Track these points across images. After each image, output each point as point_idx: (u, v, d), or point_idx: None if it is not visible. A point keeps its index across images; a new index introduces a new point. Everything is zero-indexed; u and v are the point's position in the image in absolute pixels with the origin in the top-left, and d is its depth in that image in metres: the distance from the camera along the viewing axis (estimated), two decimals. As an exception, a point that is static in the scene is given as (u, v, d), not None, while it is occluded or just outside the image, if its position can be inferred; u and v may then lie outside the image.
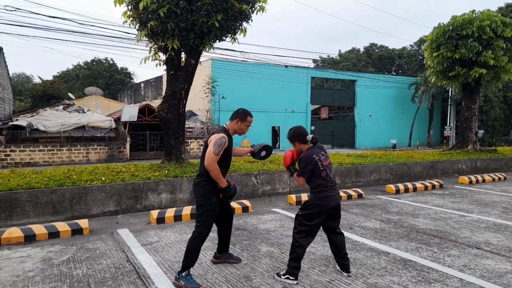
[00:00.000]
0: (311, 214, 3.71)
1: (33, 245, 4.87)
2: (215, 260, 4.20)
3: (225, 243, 4.15)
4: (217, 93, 23.65)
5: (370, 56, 46.41)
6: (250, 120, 3.73)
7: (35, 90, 34.99)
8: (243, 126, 3.73)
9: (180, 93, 8.31)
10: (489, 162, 13.16)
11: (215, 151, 3.51)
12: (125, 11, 7.79)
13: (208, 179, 3.62)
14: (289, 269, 3.72)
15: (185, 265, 3.63)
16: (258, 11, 8.09)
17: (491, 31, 13.10)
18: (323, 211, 3.70)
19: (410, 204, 7.60)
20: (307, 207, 3.76)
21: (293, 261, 3.70)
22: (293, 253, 3.71)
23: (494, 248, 4.85)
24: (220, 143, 3.53)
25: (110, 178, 6.81)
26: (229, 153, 3.75)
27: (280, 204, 7.51)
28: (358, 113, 30.83)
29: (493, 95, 29.75)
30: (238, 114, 3.74)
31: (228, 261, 4.20)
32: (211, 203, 3.63)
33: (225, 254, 4.21)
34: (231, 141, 3.76)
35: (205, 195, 3.62)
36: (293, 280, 3.69)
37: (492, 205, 7.56)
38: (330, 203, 3.70)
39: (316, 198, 3.71)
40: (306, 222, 3.71)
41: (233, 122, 3.74)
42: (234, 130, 3.76)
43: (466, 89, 15.08)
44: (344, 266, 3.91)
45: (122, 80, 46.54)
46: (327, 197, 3.69)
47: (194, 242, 3.63)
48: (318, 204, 3.69)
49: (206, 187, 3.63)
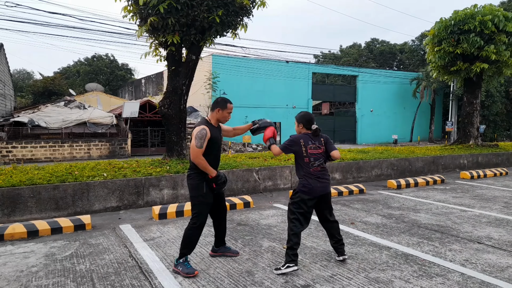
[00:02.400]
0: (299, 201, 3.89)
1: (36, 241, 4.90)
2: (213, 253, 4.25)
3: (221, 236, 4.19)
4: (218, 89, 23.61)
5: (372, 51, 46.24)
6: (231, 107, 3.86)
7: (36, 86, 35.00)
8: (225, 113, 3.84)
9: (181, 89, 8.30)
10: (491, 157, 13.14)
11: (197, 144, 3.61)
12: (125, 6, 7.76)
13: (197, 171, 3.73)
14: (288, 258, 3.83)
15: (182, 253, 3.80)
16: (259, 6, 8.05)
17: (493, 26, 13.02)
18: (309, 198, 3.87)
19: (412, 199, 7.61)
20: (294, 195, 3.97)
21: (290, 249, 3.83)
22: (290, 241, 3.84)
23: (496, 242, 4.86)
24: (200, 135, 3.63)
25: (112, 174, 6.82)
26: (215, 142, 3.79)
27: (282, 199, 7.52)
28: (359, 109, 30.78)
29: (495, 90, 29.65)
30: (218, 103, 3.85)
31: (226, 255, 4.23)
32: (202, 194, 3.74)
33: (222, 248, 4.25)
34: (216, 131, 3.83)
35: (195, 186, 3.74)
36: (294, 266, 3.79)
37: (493, 200, 7.56)
38: (315, 190, 3.87)
39: (301, 185, 3.91)
40: (295, 210, 3.91)
41: (214, 111, 3.85)
42: (217, 119, 3.86)
43: (468, 84, 15.02)
44: (338, 250, 4.10)
45: (123, 76, 46.50)
46: (310, 184, 3.85)
47: (189, 232, 3.76)
48: (302, 191, 3.89)
49: (196, 179, 3.74)
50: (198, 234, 3.82)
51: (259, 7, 8.08)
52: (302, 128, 4.00)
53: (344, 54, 47.00)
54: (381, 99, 31.23)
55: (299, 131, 4.04)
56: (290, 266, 3.78)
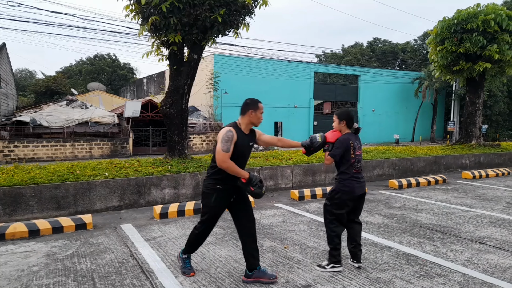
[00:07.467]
0: (339, 202, 3.83)
1: (37, 240, 4.91)
2: (246, 279, 3.60)
3: (250, 254, 3.57)
4: (219, 89, 23.61)
5: (374, 50, 46.15)
6: (262, 107, 3.57)
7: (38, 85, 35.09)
8: (258, 114, 3.51)
9: (183, 88, 8.30)
10: (493, 157, 13.09)
11: (223, 148, 3.30)
12: (127, 4, 7.76)
13: (213, 177, 3.48)
14: (333, 258, 3.84)
15: (186, 249, 3.77)
16: (261, 5, 8.03)
17: (496, 25, 12.96)
18: (349, 198, 3.82)
19: (413, 199, 7.59)
20: (333, 195, 3.87)
21: (334, 250, 3.83)
22: (332, 242, 3.82)
23: (497, 243, 4.84)
24: (227, 138, 3.33)
25: (113, 174, 6.83)
26: (240, 150, 3.42)
27: (283, 199, 7.51)
28: (361, 108, 30.71)
29: (498, 90, 29.52)
30: (248, 105, 3.52)
31: (261, 280, 3.56)
32: (210, 205, 3.51)
33: (256, 272, 3.58)
34: (245, 138, 3.49)
35: (205, 195, 3.55)
36: (339, 267, 3.84)
37: (495, 200, 7.54)
38: (355, 190, 3.82)
39: (342, 185, 3.83)
40: (334, 210, 3.84)
41: (246, 114, 3.49)
42: (250, 122, 3.52)
43: (470, 84, 14.97)
44: (356, 256, 3.97)
45: (124, 76, 46.55)
46: (352, 184, 3.80)
47: (195, 232, 3.66)
48: (343, 190, 3.81)
49: (208, 186, 3.51)
50: (202, 238, 3.69)
51: (261, 6, 8.06)
52: (344, 126, 3.87)
53: (346, 54, 46.93)
54: (383, 99, 31.16)
55: (339, 129, 3.90)
56: (335, 266, 3.83)
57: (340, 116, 3.89)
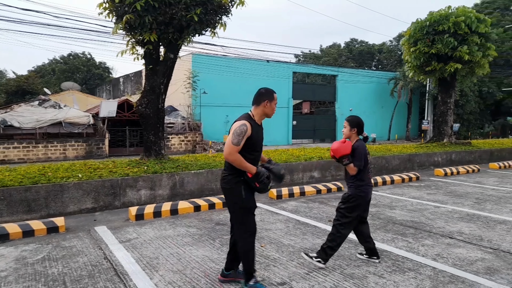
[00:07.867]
0: (354, 206, 3.92)
1: (7, 244, 4.74)
2: (222, 278, 3.60)
3: (236, 258, 3.54)
4: (198, 88, 23.43)
5: (351, 51, 46.92)
6: (276, 97, 3.41)
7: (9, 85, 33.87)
8: (273, 105, 3.37)
9: (159, 88, 8.19)
10: (464, 154, 13.56)
11: (233, 141, 3.13)
12: (100, 2, 7.59)
13: (232, 172, 3.26)
14: (324, 255, 3.89)
15: (248, 273, 3.38)
16: (238, 5, 8.01)
17: (466, 27, 13.42)
18: (363, 203, 3.94)
19: (388, 196, 7.77)
20: (349, 200, 3.94)
21: (331, 249, 3.89)
22: (333, 241, 3.89)
23: (466, 237, 5.02)
24: (240, 131, 3.15)
25: (87, 175, 6.67)
26: (256, 142, 3.28)
27: (261, 198, 7.53)
28: (339, 108, 31.16)
29: (469, 90, 30.59)
30: (263, 95, 3.34)
31: (237, 280, 3.57)
32: (242, 199, 3.26)
33: (233, 272, 3.59)
34: (259, 129, 3.35)
35: (230, 191, 3.28)
36: (323, 264, 3.91)
37: (465, 196, 7.81)
38: (369, 195, 3.98)
39: (359, 190, 3.92)
40: (348, 214, 3.92)
41: (261, 105, 3.33)
42: (265, 113, 3.37)
43: (442, 84, 15.44)
44: (373, 252, 4.11)
45: (100, 75, 45.45)
46: (367, 190, 3.94)
47: (243, 247, 3.34)
48: (360, 196, 3.91)
49: (231, 182, 3.26)
50: (252, 245, 3.36)
51: (237, 6, 8.05)
52: (355, 133, 3.92)
53: (324, 54, 47.52)
54: (360, 98, 31.72)
55: (349, 135, 3.94)
56: (321, 262, 3.89)
57: (352, 123, 3.92)
